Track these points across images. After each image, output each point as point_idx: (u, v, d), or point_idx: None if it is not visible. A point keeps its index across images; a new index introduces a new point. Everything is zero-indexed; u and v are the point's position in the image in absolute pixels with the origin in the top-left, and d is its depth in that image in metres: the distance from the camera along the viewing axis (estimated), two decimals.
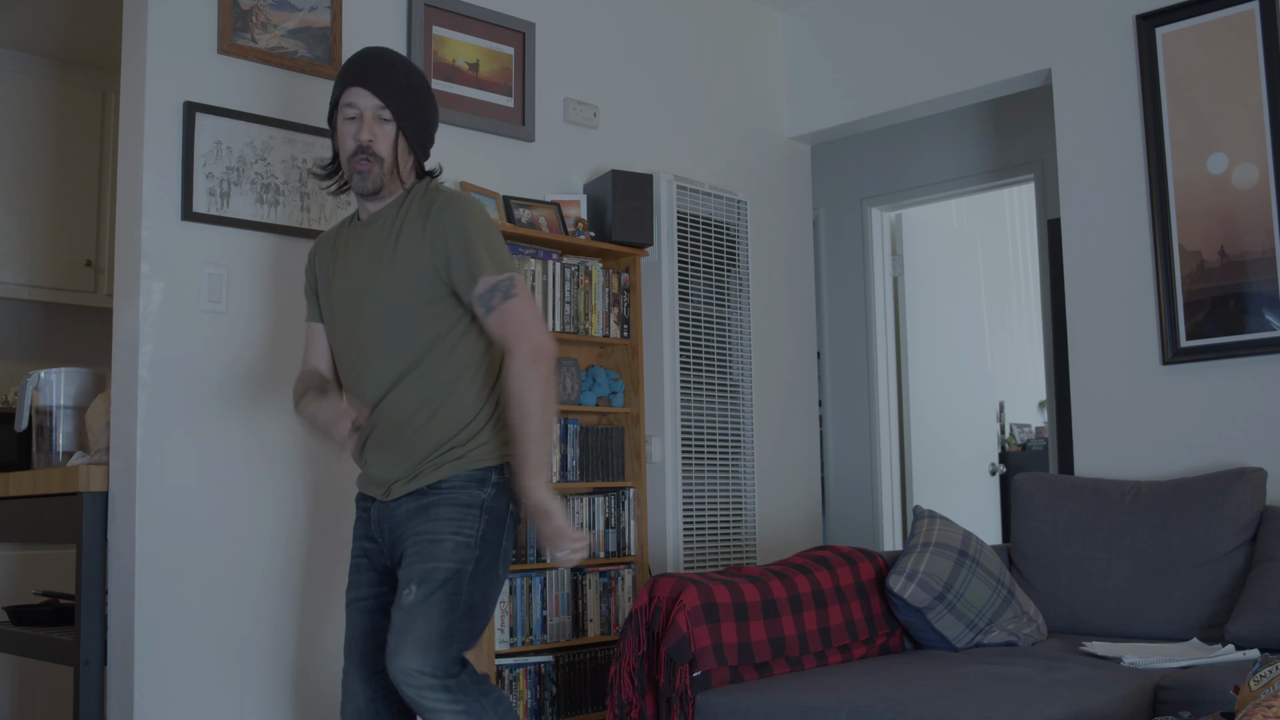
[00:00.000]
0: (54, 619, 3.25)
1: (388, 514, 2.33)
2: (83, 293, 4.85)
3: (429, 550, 2.23)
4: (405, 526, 2.29)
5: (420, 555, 2.23)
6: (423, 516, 2.27)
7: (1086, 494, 3.56)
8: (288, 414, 3.10)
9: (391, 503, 2.32)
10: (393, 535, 2.32)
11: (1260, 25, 3.56)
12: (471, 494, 2.27)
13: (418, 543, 2.24)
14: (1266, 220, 3.53)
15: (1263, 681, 1.86)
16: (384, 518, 2.34)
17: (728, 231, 4.26)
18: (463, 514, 2.26)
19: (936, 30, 4.36)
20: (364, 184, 2.33)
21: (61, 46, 4.73)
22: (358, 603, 2.38)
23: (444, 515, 2.25)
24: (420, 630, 2.16)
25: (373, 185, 2.33)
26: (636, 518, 3.83)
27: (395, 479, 2.31)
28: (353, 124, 2.32)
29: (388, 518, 2.33)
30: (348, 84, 2.33)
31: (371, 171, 2.31)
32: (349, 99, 2.32)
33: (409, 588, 2.20)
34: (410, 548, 2.25)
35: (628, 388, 3.88)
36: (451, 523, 2.25)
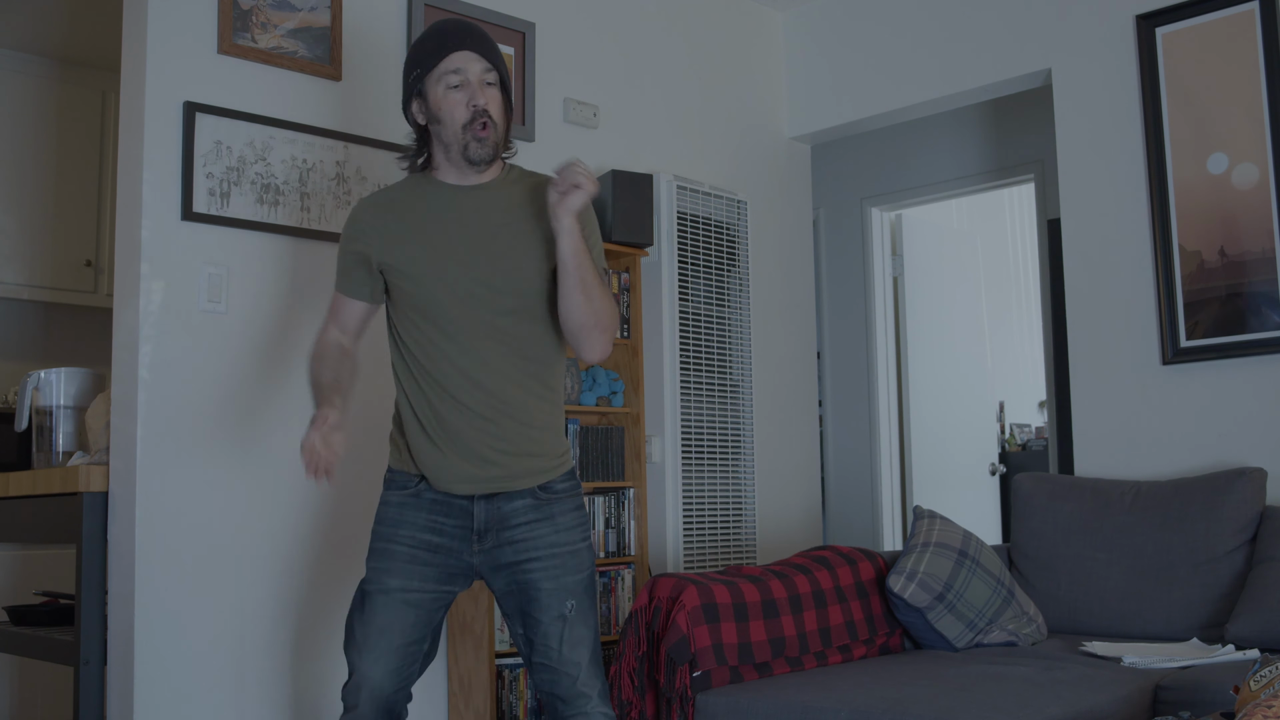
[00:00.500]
0: (54, 619, 3.25)
1: (495, 511, 2.24)
2: (83, 293, 4.85)
3: (570, 562, 2.24)
4: (523, 532, 2.23)
5: (563, 568, 2.23)
6: (549, 525, 2.24)
7: (1086, 494, 3.56)
8: (288, 414, 3.11)
9: (497, 499, 2.24)
10: (498, 539, 2.23)
11: (1260, 25, 3.56)
12: (577, 495, 2.31)
13: (555, 555, 2.23)
14: (1266, 220, 3.53)
15: (1263, 681, 1.86)
16: (490, 514, 2.24)
17: (728, 231, 4.26)
18: (581, 518, 2.30)
19: (936, 30, 4.36)
20: (484, 151, 2.23)
21: (61, 46, 4.73)
22: (405, 594, 2.22)
23: (569, 523, 2.27)
24: (590, 643, 2.23)
25: (492, 151, 2.24)
26: (636, 518, 3.83)
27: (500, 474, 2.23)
28: (460, 92, 2.21)
29: (494, 515, 2.24)
30: (449, 49, 2.22)
31: (490, 137, 2.23)
32: (452, 65, 2.21)
33: (568, 602, 2.21)
34: (542, 561, 2.22)
35: (628, 388, 3.88)
36: (579, 530, 2.28)
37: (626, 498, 3.82)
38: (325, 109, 3.26)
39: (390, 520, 2.28)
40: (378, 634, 2.21)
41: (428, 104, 2.26)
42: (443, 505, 2.25)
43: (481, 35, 2.27)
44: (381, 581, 2.23)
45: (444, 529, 2.25)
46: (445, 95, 2.22)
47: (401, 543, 2.25)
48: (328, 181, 3.23)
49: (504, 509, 2.24)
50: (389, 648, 2.21)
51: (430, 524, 2.25)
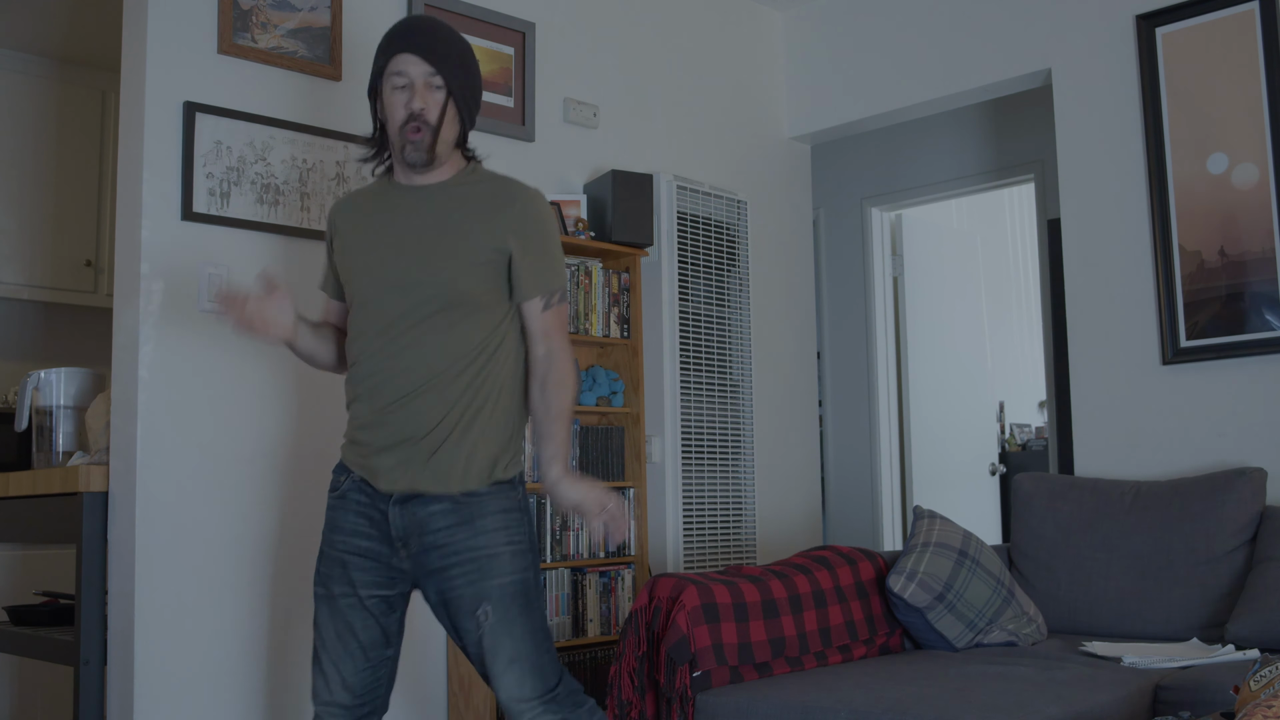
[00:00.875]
0: (54, 619, 3.25)
1: (410, 517, 2.19)
2: (83, 293, 4.85)
3: (488, 566, 2.17)
4: (443, 537, 2.17)
5: (481, 573, 2.16)
6: (468, 529, 2.17)
7: (1086, 494, 3.56)
8: (288, 414, 3.11)
9: (411, 504, 2.19)
10: (421, 544, 2.18)
11: (1260, 25, 3.56)
12: (508, 497, 2.24)
13: (473, 559, 2.16)
14: (1266, 220, 3.53)
15: (1263, 681, 1.86)
16: (407, 520, 2.19)
17: (728, 231, 4.26)
18: (507, 520, 2.22)
19: (936, 30, 4.36)
20: (417, 154, 2.22)
21: (61, 46, 4.73)
22: (348, 597, 2.20)
23: (491, 526, 2.19)
24: (510, 650, 2.16)
25: (425, 155, 2.22)
26: (636, 518, 3.83)
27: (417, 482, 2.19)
28: (402, 93, 2.21)
29: (411, 520, 2.19)
30: (395, 51, 2.22)
31: (424, 140, 2.21)
32: (397, 67, 2.22)
33: (483, 609, 2.16)
34: (461, 566, 2.16)
35: (628, 388, 3.88)
36: (502, 533, 2.21)
37: (626, 498, 3.82)
38: (325, 109, 3.26)
39: (328, 523, 2.28)
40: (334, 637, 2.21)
41: (381, 104, 2.28)
42: (366, 510, 2.23)
43: (432, 38, 2.24)
44: (326, 586, 2.24)
45: (369, 533, 2.22)
46: (390, 95, 2.23)
47: (336, 547, 2.24)
48: (328, 181, 3.23)
49: (419, 514, 2.18)
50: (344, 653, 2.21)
51: (356, 528, 2.23)
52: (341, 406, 3.25)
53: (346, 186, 3.27)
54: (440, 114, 2.22)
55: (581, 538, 3.69)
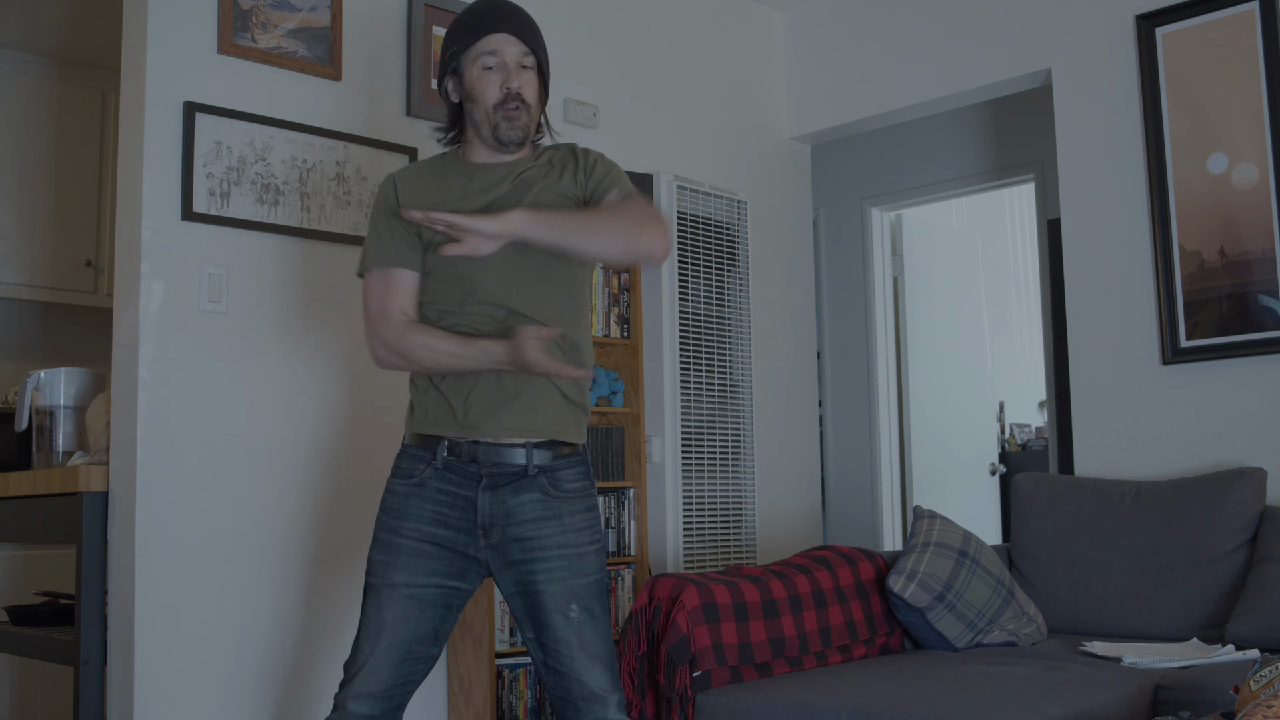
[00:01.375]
0: (54, 619, 3.25)
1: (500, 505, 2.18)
2: (83, 293, 4.85)
3: (577, 565, 2.18)
4: (531, 529, 2.18)
5: (570, 570, 2.17)
6: (557, 524, 2.18)
7: (1086, 494, 3.56)
8: (288, 414, 3.11)
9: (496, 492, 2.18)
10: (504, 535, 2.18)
11: (1260, 25, 3.56)
12: (591, 495, 2.26)
13: (563, 557, 2.17)
14: (1266, 220, 3.53)
15: (1263, 681, 1.86)
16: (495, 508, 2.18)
17: (728, 231, 4.26)
18: (591, 519, 2.23)
19: (936, 30, 4.36)
20: (514, 132, 2.21)
21: (61, 46, 4.73)
22: (410, 587, 2.16)
23: (580, 524, 2.21)
24: (604, 651, 2.18)
25: (522, 133, 2.22)
26: (636, 518, 3.83)
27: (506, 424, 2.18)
28: (495, 73, 2.21)
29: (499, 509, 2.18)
30: (487, 30, 2.21)
31: (521, 119, 2.21)
32: (489, 46, 2.21)
33: (572, 605, 2.16)
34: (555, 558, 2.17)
35: (628, 388, 3.88)
36: (589, 531, 2.22)
37: (626, 498, 3.82)
38: (325, 109, 3.26)
39: (395, 510, 2.20)
40: (383, 628, 2.15)
41: (462, 82, 2.25)
42: (448, 498, 2.19)
43: (522, 18, 2.26)
44: (385, 575, 2.17)
45: (450, 521, 2.18)
46: (480, 75, 2.22)
47: (406, 535, 2.18)
48: (328, 181, 3.23)
49: (509, 503, 2.17)
50: (394, 643, 2.15)
51: (436, 516, 2.18)
52: (341, 406, 3.25)
53: (346, 186, 3.27)
54: (536, 96, 2.26)
55: None
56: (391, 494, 2.23)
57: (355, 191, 3.28)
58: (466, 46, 2.23)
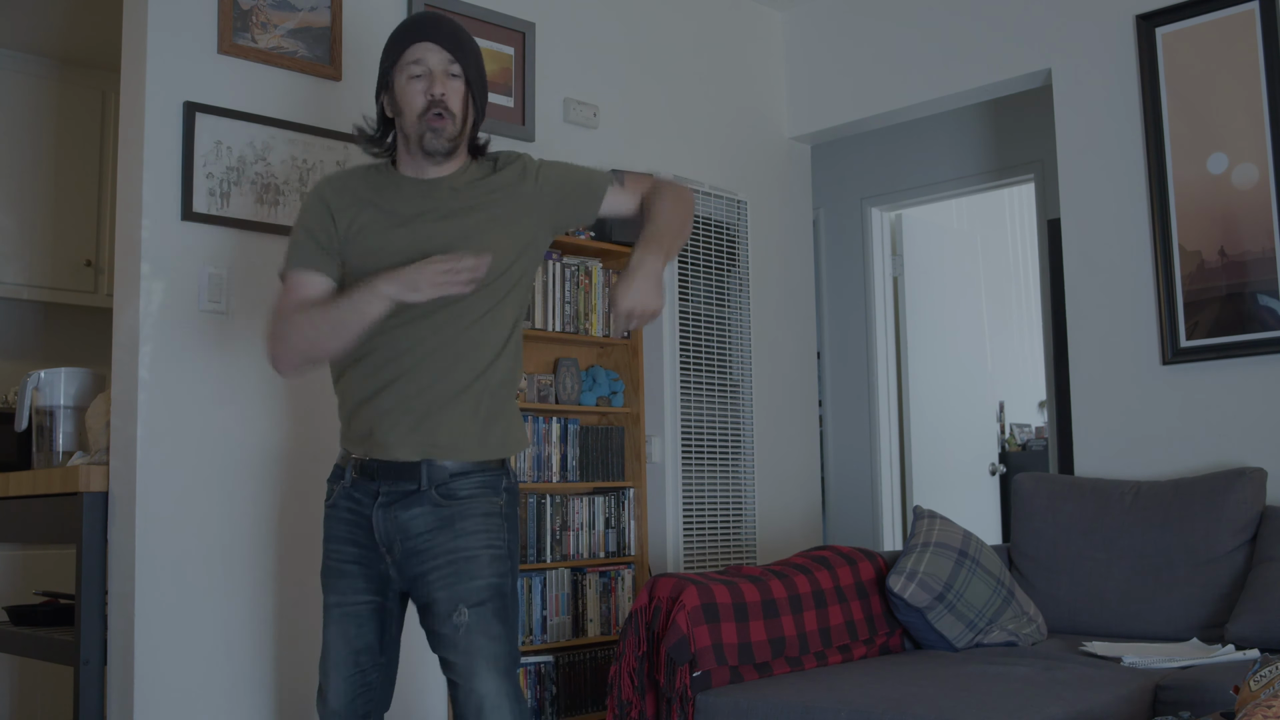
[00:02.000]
0: (54, 619, 3.25)
1: (392, 521, 2.19)
2: (83, 293, 4.85)
3: (466, 569, 2.16)
4: (424, 541, 2.17)
5: (458, 575, 2.16)
6: (448, 531, 2.16)
7: (1086, 494, 3.56)
8: (288, 415, 3.11)
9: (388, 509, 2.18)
10: (404, 549, 2.18)
11: (1260, 25, 3.56)
12: (491, 501, 2.22)
13: (451, 562, 2.16)
14: (1266, 220, 3.53)
15: (1263, 681, 1.86)
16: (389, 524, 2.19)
17: (728, 231, 4.26)
18: (489, 524, 2.20)
19: (936, 30, 4.36)
20: (438, 141, 2.20)
21: (61, 46, 4.73)
22: (340, 607, 2.23)
23: (473, 528, 2.18)
24: (498, 656, 2.16)
25: (448, 142, 2.21)
26: (636, 518, 3.83)
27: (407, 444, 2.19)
28: (420, 81, 2.21)
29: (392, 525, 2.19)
30: (412, 40, 2.22)
31: (446, 128, 2.20)
32: (415, 55, 2.21)
33: (460, 609, 2.15)
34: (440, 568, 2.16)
35: (628, 388, 3.88)
36: (483, 535, 2.19)
37: (626, 498, 3.82)
38: (325, 109, 3.26)
39: (325, 534, 2.29)
40: (326, 647, 2.25)
41: (393, 96, 2.25)
42: (354, 517, 2.23)
43: (450, 28, 2.25)
44: (325, 596, 2.27)
45: (359, 540, 2.23)
46: (406, 84, 2.22)
47: (331, 557, 2.26)
48: None
49: (400, 519, 2.17)
50: (339, 660, 2.23)
51: (349, 536, 2.24)
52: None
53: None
54: (462, 104, 2.24)
55: (580, 538, 3.68)
56: (325, 519, 2.31)
57: None
58: (395, 59, 2.24)
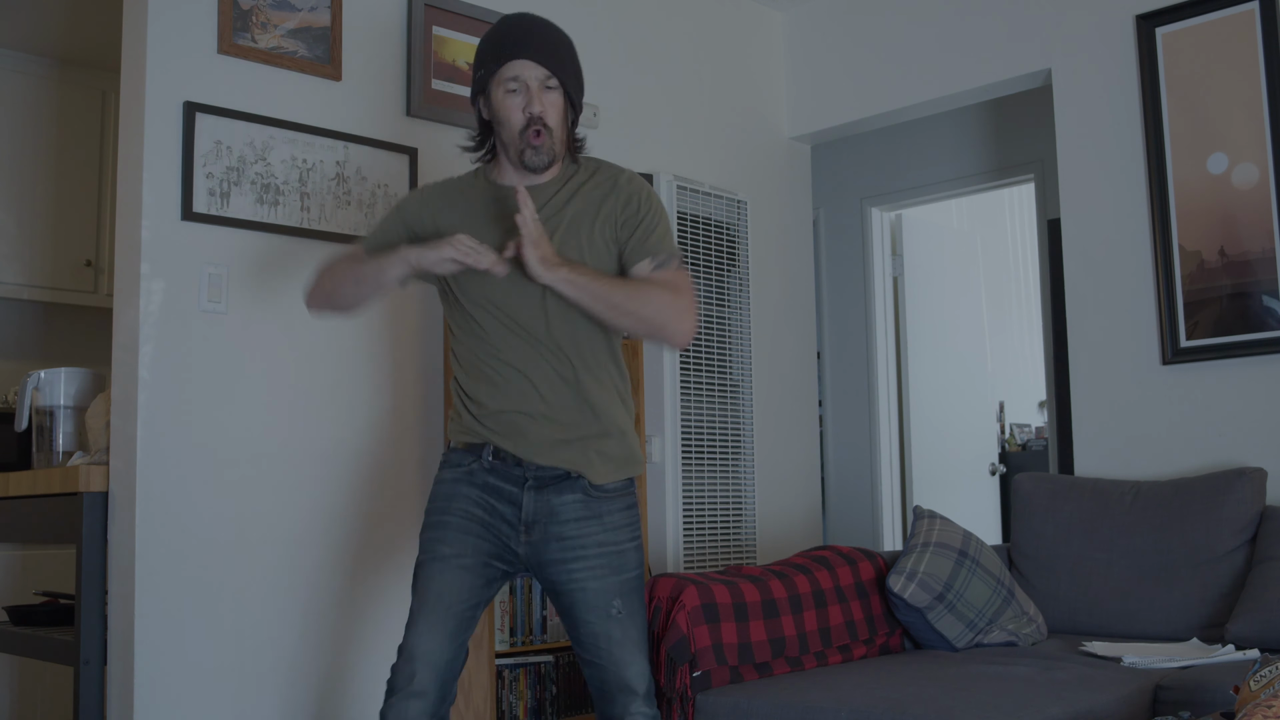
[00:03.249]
0: (54, 619, 3.25)
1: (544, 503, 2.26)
2: (83, 293, 4.85)
3: (618, 562, 2.27)
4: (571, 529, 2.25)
5: (610, 567, 2.25)
6: (598, 523, 2.26)
7: (1086, 494, 3.56)
8: (288, 414, 3.11)
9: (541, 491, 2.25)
10: (549, 532, 2.25)
11: (1260, 25, 3.56)
12: (631, 494, 2.34)
13: (602, 555, 2.25)
14: (1266, 220, 3.53)
15: (1263, 681, 1.86)
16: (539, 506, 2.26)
17: (728, 231, 4.26)
18: (630, 517, 2.32)
19: (936, 30, 4.35)
20: (539, 158, 2.25)
21: (61, 46, 4.73)
22: (459, 559, 2.23)
23: (619, 522, 2.29)
24: (643, 643, 2.26)
25: (548, 158, 2.26)
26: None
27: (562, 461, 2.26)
28: (518, 97, 2.23)
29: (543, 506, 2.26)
30: (509, 56, 2.24)
31: (545, 145, 2.24)
32: (510, 72, 2.23)
33: (615, 602, 2.24)
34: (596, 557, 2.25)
35: None
36: (628, 529, 2.31)
37: None
38: (325, 109, 3.26)
39: (443, 495, 2.30)
40: (435, 599, 2.21)
41: (491, 104, 2.28)
42: (494, 490, 2.26)
43: (544, 39, 2.27)
44: (434, 550, 2.25)
45: (494, 510, 2.26)
46: (504, 99, 2.25)
47: (454, 514, 2.26)
48: (328, 181, 3.23)
49: (553, 502, 2.25)
50: (445, 612, 2.20)
51: (482, 501, 2.26)
52: (340, 406, 3.26)
53: (346, 186, 3.27)
54: (561, 116, 2.27)
55: None
56: (439, 483, 2.32)
57: (355, 191, 3.28)
58: (492, 71, 2.26)
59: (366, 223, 3.27)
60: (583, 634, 2.26)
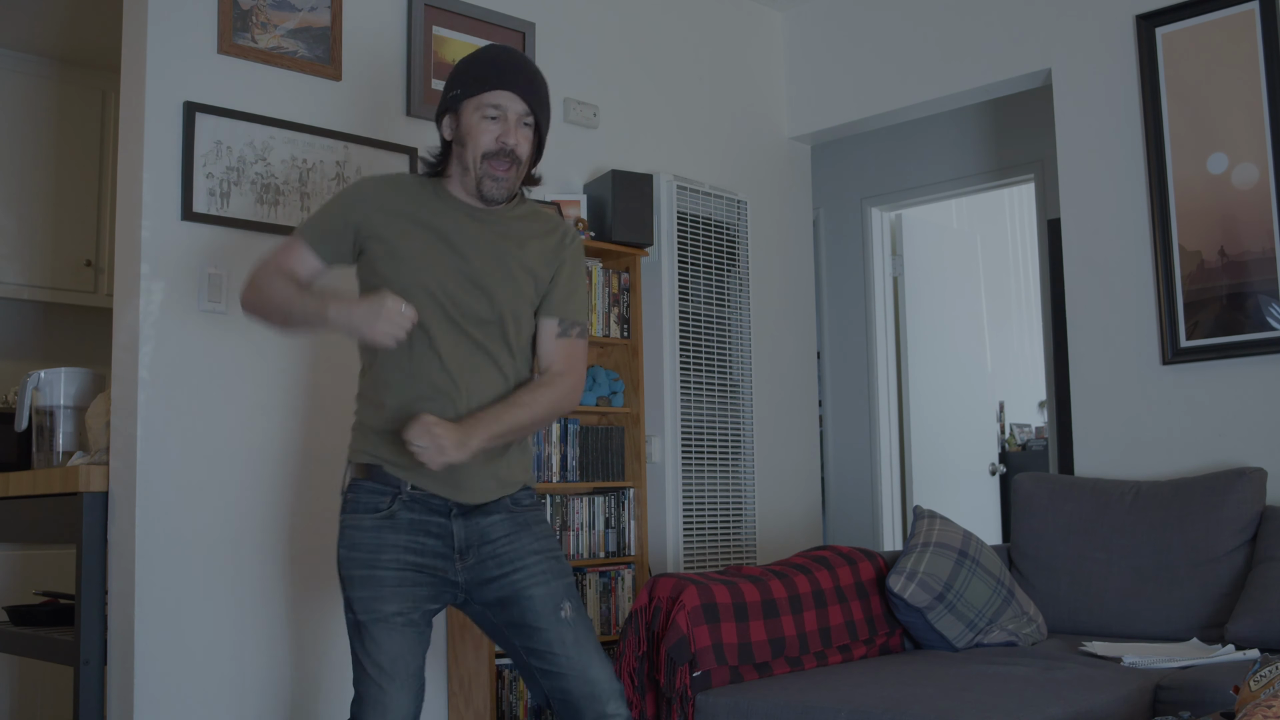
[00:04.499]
0: (54, 619, 3.25)
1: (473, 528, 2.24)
2: (83, 293, 4.85)
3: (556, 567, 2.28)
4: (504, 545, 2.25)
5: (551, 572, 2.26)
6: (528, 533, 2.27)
7: (1086, 494, 3.56)
8: (288, 415, 3.11)
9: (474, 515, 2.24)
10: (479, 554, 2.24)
11: (1260, 25, 3.56)
12: (541, 507, 2.37)
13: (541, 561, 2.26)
14: (1266, 220, 3.53)
15: (1263, 681, 1.86)
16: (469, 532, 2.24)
17: (728, 231, 4.26)
18: (549, 529, 2.35)
19: (936, 30, 4.36)
20: (498, 189, 2.24)
21: (61, 46, 4.73)
22: (403, 616, 2.19)
23: (546, 531, 2.32)
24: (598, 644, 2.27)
25: (506, 193, 2.26)
26: (636, 518, 3.83)
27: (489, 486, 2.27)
28: (494, 124, 2.22)
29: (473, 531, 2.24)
30: (495, 85, 2.23)
31: (509, 178, 2.25)
32: (494, 100, 2.22)
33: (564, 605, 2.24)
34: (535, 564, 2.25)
35: (628, 388, 3.88)
36: (554, 538, 2.34)
37: (626, 498, 3.82)
38: (325, 109, 3.26)
39: (367, 545, 2.21)
40: (392, 662, 2.17)
41: (459, 124, 2.26)
42: (420, 525, 2.22)
43: (531, 77, 2.28)
44: (376, 609, 2.18)
45: (425, 549, 2.22)
46: (479, 122, 2.23)
47: (386, 567, 2.19)
48: (328, 181, 3.23)
49: (481, 524, 2.24)
50: (408, 673, 2.19)
51: (411, 544, 2.21)
52: (340, 406, 3.25)
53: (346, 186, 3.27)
54: (529, 154, 2.28)
55: (580, 538, 3.69)
56: (358, 529, 2.23)
57: None
58: (471, 94, 2.24)
59: None
60: (538, 643, 2.22)
